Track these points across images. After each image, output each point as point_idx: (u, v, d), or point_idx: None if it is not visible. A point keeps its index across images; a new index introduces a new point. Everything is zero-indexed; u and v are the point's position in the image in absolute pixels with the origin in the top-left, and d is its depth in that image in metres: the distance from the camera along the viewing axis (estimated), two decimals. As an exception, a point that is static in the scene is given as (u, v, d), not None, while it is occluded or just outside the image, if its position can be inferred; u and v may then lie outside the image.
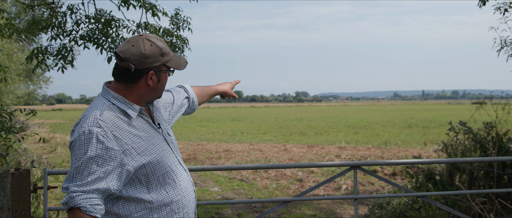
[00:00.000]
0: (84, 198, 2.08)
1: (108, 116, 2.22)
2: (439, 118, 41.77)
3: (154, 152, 2.32)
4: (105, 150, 2.15)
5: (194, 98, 2.95)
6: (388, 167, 12.53)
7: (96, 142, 2.14)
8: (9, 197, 3.98)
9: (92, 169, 2.12)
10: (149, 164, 2.28)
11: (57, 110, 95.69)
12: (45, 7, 8.32)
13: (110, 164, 2.15)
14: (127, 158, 2.21)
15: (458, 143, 7.27)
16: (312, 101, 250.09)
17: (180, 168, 2.48)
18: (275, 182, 11.27)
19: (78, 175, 2.12)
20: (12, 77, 18.69)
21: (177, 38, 8.26)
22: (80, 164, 2.12)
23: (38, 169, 9.91)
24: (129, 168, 2.22)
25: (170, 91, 2.85)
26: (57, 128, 32.92)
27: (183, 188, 2.44)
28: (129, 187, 2.27)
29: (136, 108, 2.33)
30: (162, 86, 2.42)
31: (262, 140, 22.14)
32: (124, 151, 2.21)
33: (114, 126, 2.21)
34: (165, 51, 2.36)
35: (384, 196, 5.42)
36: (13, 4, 21.63)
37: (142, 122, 2.37)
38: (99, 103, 2.30)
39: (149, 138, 2.34)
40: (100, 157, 2.13)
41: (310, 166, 5.20)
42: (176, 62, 2.44)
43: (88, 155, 2.12)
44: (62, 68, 7.64)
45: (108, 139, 2.16)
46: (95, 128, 2.16)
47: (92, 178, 2.11)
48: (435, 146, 15.04)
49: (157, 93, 2.44)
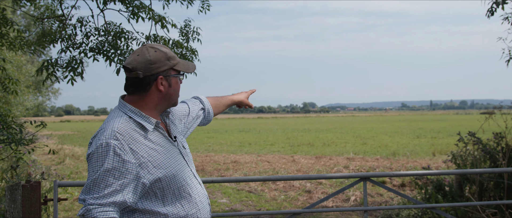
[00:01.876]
0: (100, 211, 2.09)
1: (125, 129, 2.24)
2: (448, 129, 41.58)
3: (169, 166, 2.32)
4: (121, 162, 2.16)
5: (209, 109, 2.95)
6: (397, 178, 12.46)
7: (113, 154, 2.15)
8: (20, 209, 4.00)
9: (109, 181, 2.13)
10: (165, 177, 2.28)
11: (65, 121, 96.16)
12: (55, 19, 8.39)
13: (126, 177, 2.17)
14: (143, 171, 2.22)
15: (468, 153, 7.24)
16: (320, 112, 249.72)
17: (195, 181, 2.48)
18: (283, 194, 11.24)
19: (95, 187, 2.13)
20: (21, 88, 18.80)
21: (187, 49, 8.30)
22: (97, 177, 2.13)
23: (47, 180, 9.94)
24: (145, 181, 2.23)
25: (186, 102, 2.86)
26: (65, 139, 33.04)
27: (198, 202, 2.43)
28: (145, 200, 2.27)
29: (152, 121, 2.35)
30: (174, 91, 2.43)
31: (270, 151, 22.11)
32: (140, 164, 2.22)
33: (131, 139, 2.23)
34: (170, 55, 2.39)
35: (393, 207, 5.40)
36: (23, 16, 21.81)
37: (158, 135, 2.38)
38: (116, 116, 2.32)
39: (164, 151, 2.34)
40: (116, 169, 2.15)
41: (319, 178, 5.19)
42: (184, 65, 2.47)
43: (104, 168, 2.13)
44: (72, 80, 7.68)
45: (125, 152, 2.18)
46: (113, 141, 2.17)
47: (108, 191, 2.12)
48: (444, 157, 14.97)
49: (171, 100, 2.45)
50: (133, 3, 7.93)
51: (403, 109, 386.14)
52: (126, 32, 7.99)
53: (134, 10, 7.86)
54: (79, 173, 14.95)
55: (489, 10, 8.22)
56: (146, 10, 7.92)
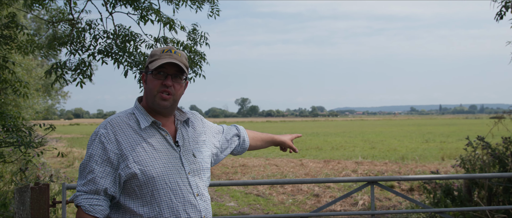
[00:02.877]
0: (84, 198, 2.24)
1: (118, 121, 2.36)
2: (457, 133, 41.38)
3: (152, 165, 2.31)
4: (103, 150, 2.28)
5: (245, 138, 2.96)
6: (406, 182, 12.41)
7: (98, 142, 2.29)
8: (28, 211, 4.02)
9: (91, 167, 2.26)
10: (142, 174, 2.28)
11: (74, 124, 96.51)
12: (66, 23, 8.45)
13: (107, 166, 2.27)
14: (123, 163, 2.29)
15: (477, 158, 7.21)
16: (328, 116, 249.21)
17: (186, 190, 2.39)
18: (291, 197, 11.22)
19: (82, 172, 2.29)
20: (31, 92, 18.92)
21: (195, 53, 8.33)
22: (83, 162, 2.30)
23: (56, 183, 9.99)
24: (121, 173, 2.28)
25: (223, 126, 2.93)
26: (74, 142, 33.17)
27: (180, 211, 2.35)
28: (127, 197, 2.32)
29: (149, 119, 2.41)
30: (148, 89, 2.42)
31: (278, 155, 22.09)
32: (122, 155, 2.29)
33: (119, 130, 2.33)
34: (152, 54, 2.43)
35: (401, 211, 5.38)
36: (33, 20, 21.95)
37: (156, 135, 2.41)
38: (124, 111, 2.46)
39: (154, 151, 2.35)
40: (98, 156, 2.27)
41: (327, 181, 5.18)
42: (156, 62, 2.38)
43: (89, 153, 2.29)
44: (81, 82, 7.72)
45: (109, 141, 2.29)
46: (101, 130, 2.32)
47: (91, 177, 2.25)
48: (453, 161, 14.91)
49: (148, 98, 2.43)
50: (142, 6, 7.97)
51: (412, 113, 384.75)
52: (134, 35, 8.03)
53: (143, 13, 7.89)
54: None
55: (498, 13, 8.18)
56: (155, 12, 7.96)
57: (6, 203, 6.81)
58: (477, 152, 7.23)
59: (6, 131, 5.73)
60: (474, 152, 7.25)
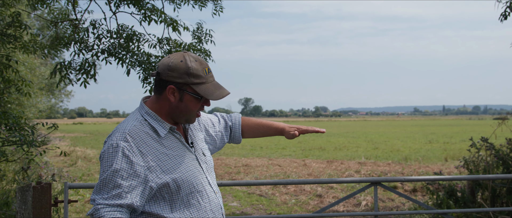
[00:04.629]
0: (107, 211, 2.12)
1: (137, 132, 2.25)
2: (460, 134, 41.29)
3: (180, 172, 2.30)
4: (130, 164, 2.18)
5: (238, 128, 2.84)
6: (409, 183, 12.39)
7: (122, 155, 2.17)
8: (30, 210, 4.02)
9: (117, 182, 2.15)
10: (173, 183, 2.26)
11: (78, 123, 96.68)
12: (69, 23, 8.46)
13: (134, 179, 2.18)
14: (151, 175, 2.22)
15: (480, 159, 7.18)
16: (332, 116, 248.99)
17: (209, 189, 2.43)
18: (294, 198, 11.21)
19: (104, 187, 2.16)
20: (34, 91, 18.94)
21: (200, 51, 8.33)
22: (106, 177, 2.16)
23: (58, 182, 10.00)
24: (152, 184, 2.22)
25: (217, 115, 2.85)
26: (77, 141, 33.23)
27: (208, 211, 2.39)
28: (153, 203, 2.27)
29: (167, 126, 2.34)
30: (186, 108, 2.35)
31: (281, 155, 22.08)
32: (149, 167, 2.22)
33: (141, 141, 2.24)
34: (194, 72, 2.29)
35: (404, 213, 5.37)
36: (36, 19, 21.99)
37: (173, 140, 2.37)
38: (133, 117, 2.35)
39: (177, 156, 2.33)
40: (124, 170, 2.16)
41: (330, 182, 5.17)
42: (208, 90, 2.33)
43: (113, 168, 2.16)
44: (85, 82, 7.73)
45: (133, 154, 2.20)
46: (122, 142, 2.20)
47: (116, 192, 2.14)
48: (456, 162, 14.86)
49: (182, 115, 2.38)
50: (146, 6, 7.97)
51: (415, 114, 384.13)
52: (138, 35, 8.03)
53: (146, 13, 7.89)
54: (91, 175, 15.02)
55: (502, 14, 8.16)
56: (158, 13, 7.96)
57: (9, 202, 6.81)
58: (481, 153, 7.20)
59: (9, 129, 5.74)
60: (478, 153, 7.22)
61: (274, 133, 2.83)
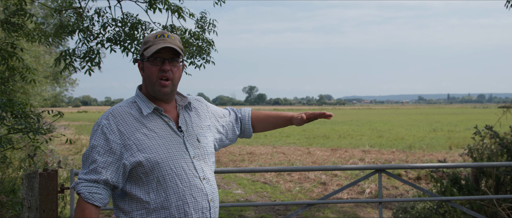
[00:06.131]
0: (84, 186, 2.27)
1: (120, 112, 2.37)
2: (465, 122, 41.24)
3: (156, 152, 2.32)
4: (106, 141, 2.30)
5: (248, 121, 2.89)
6: (413, 171, 12.41)
7: (101, 133, 2.32)
8: (37, 197, 4.05)
9: (94, 157, 2.29)
10: (147, 162, 2.30)
11: (82, 112, 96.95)
12: (73, 11, 8.46)
13: (110, 156, 2.29)
14: (127, 153, 2.30)
15: (484, 147, 7.18)
16: (336, 104, 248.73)
17: (192, 174, 2.40)
18: (298, 185, 11.25)
19: (85, 162, 2.33)
20: (39, 79, 18.98)
21: (203, 40, 8.33)
22: (86, 152, 2.33)
23: (64, 169, 10.05)
24: (126, 162, 2.30)
25: (228, 109, 2.91)
26: (82, 130, 33.33)
27: (187, 195, 2.36)
28: (132, 184, 2.35)
29: (151, 106, 2.41)
30: (146, 76, 2.41)
31: (285, 143, 22.12)
32: (125, 145, 2.31)
33: (121, 120, 2.35)
34: (145, 40, 2.43)
35: (408, 200, 5.38)
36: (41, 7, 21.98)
37: (158, 122, 2.41)
38: (125, 100, 2.48)
39: (157, 138, 2.36)
40: (101, 146, 2.29)
41: (334, 169, 5.18)
42: (149, 49, 2.38)
43: (91, 144, 2.32)
44: (89, 70, 7.75)
45: (111, 131, 2.31)
46: (103, 120, 2.34)
47: (93, 167, 2.28)
48: (460, 150, 14.86)
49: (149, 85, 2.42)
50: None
51: (420, 102, 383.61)
52: (143, 23, 8.03)
53: (151, 1, 7.89)
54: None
55: (508, 0, 8.10)
56: (163, 0, 7.95)
57: (15, 189, 6.86)
58: (485, 141, 7.19)
59: (15, 117, 5.76)
60: (482, 141, 7.21)
61: (283, 122, 2.86)
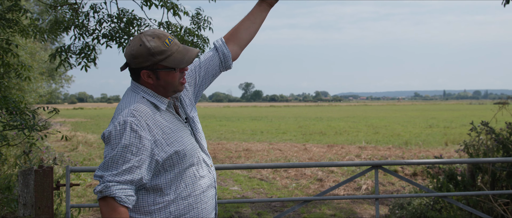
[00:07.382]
0: (119, 188, 2.13)
1: (141, 107, 2.27)
2: (461, 118, 41.32)
3: (182, 144, 2.34)
4: (138, 138, 2.19)
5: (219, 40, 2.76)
6: (409, 167, 12.44)
7: (130, 130, 2.18)
8: (32, 194, 4.04)
9: (127, 157, 2.16)
10: (176, 155, 2.30)
11: (78, 108, 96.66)
12: (68, 7, 8.42)
13: (143, 153, 2.19)
14: (157, 149, 2.25)
15: (480, 143, 7.19)
16: (332, 101, 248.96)
17: (203, 163, 2.49)
18: (295, 182, 11.25)
19: (113, 164, 2.16)
20: (34, 75, 18.92)
21: (198, 37, 8.31)
22: (115, 153, 2.16)
23: (60, 166, 10.03)
24: (158, 158, 2.26)
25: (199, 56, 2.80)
26: (78, 126, 33.27)
27: (202, 184, 2.44)
28: (154, 176, 2.31)
29: (165, 101, 2.38)
30: (166, 83, 2.36)
31: (281, 140, 22.12)
32: (155, 141, 2.25)
33: (147, 115, 2.26)
34: (156, 50, 2.28)
35: (405, 196, 5.38)
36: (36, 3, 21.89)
37: (170, 115, 2.40)
38: (131, 96, 2.35)
39: (177, 130, 2.36)
40: (134, 145, 2.17)
41: (330, 165, 5.18)
42: (176, 60, 2.33)
43: (122, 144, 2.16)
44: (85, 66, 7.73)
45: (141, 128, 2.21)
46: (130, 118, 2.20)
47: (126, 167, 2.15)
48: (456, 147, 14.88)
49: (167, 89, 2.39)
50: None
51: (416, 99, 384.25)
52: (138, 19, 8.01)
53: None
54: (92, 160, 15.07)
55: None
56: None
57: (10, 186, 6.83)
58: (481, 137, 7.20)
59: (10, 114, 5.74)
60: (478, 137, 7.22)
61: (258, 12, 2.79)
